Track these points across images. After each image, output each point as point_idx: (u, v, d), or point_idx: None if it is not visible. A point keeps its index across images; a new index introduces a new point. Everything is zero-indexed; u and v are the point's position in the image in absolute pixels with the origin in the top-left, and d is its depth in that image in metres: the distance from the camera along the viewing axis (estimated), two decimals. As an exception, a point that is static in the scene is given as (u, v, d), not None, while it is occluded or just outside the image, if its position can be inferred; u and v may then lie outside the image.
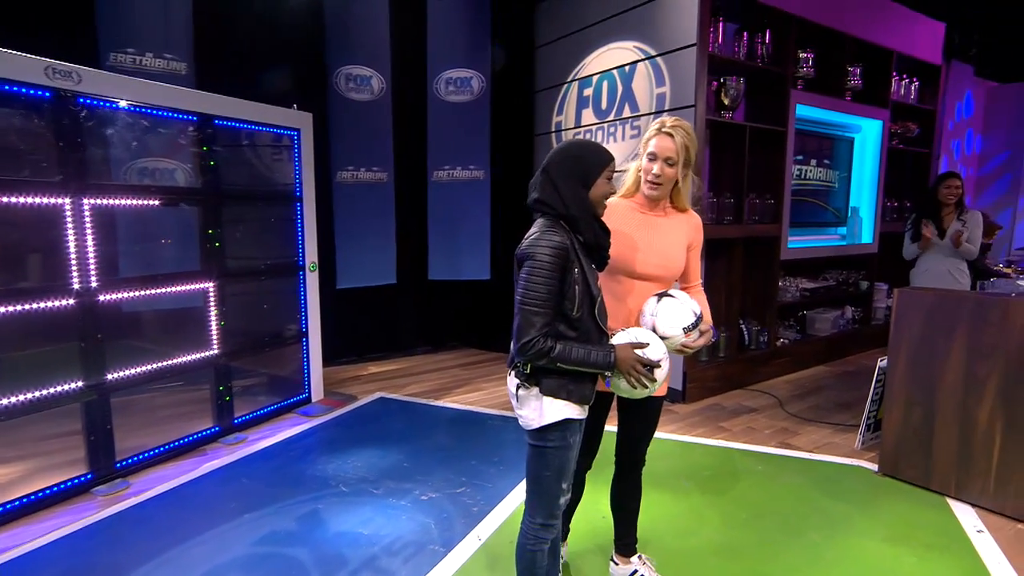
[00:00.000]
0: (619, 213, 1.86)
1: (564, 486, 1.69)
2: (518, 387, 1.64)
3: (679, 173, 1.80)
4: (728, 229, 4.37)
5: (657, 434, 3.57)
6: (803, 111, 4.78)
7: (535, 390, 1.61)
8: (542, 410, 1.62)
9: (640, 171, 1.86)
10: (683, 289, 1.98)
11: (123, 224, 3.19)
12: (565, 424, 1.63)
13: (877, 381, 3.31)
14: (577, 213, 1.58)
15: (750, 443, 3.48)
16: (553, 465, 1.65)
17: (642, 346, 1.63)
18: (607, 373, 1.63)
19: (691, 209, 1.94)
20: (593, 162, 1.61)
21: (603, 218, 1.85)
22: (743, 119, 4.54)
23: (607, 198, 1.66)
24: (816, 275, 5.54)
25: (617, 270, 1.84)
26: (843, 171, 5.53)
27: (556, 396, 1.60)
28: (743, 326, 4.70)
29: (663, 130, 1.78)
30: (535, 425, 1.63)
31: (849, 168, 5.59)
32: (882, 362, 3.27)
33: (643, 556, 2.22)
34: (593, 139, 4.77)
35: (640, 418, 1.96)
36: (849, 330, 5.52)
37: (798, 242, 5.01)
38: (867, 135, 5.61)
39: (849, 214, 5.64)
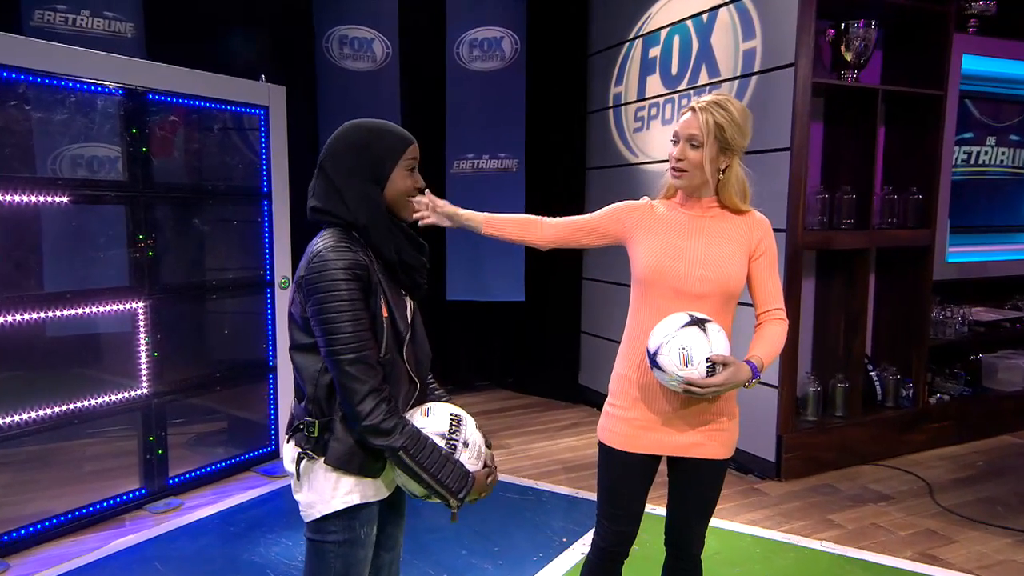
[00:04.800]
0: (658, 215, 1.99)
1: None
2: (300, 458, 1.56)
3: (712, 157, 1.84)
4: (847, 236, 4.05)
5: (731, 525, 3.35)
6: (973, 64, 4.43)
7: (319, 461, 1.54)
8: (326, 490, 1.55)
9: None
10: (756, 317, 2.00)
11: (31, 227, 3.21)
12: (354, 510, 1.56)
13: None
14: (367, 221, 1.52)
15: (872, 550, 3.16)
16: (334, 569, 1.56)
17: (484, 461, 1.62)
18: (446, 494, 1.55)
19: (753, 210, 1.96)
20: (384, 149, 1.55)
21: (638, 221, 1.95)
22: (877, 81, 4.26)
23: (411, 195, 1.64)
24: (1001, 302, 5.15)
25: (654, 284, 1.91)
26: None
27: (346, 469, 1.53)
28: (873, 373, 4.35)
29: (691, 106, 1.88)
30: (317, 513, 1.56)
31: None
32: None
33: None
34: (661, 115, 4.49)
35: (695, 488, 1.98)
36: (1055, 384, 5.00)
37: (965, 254, 4.69)
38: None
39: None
